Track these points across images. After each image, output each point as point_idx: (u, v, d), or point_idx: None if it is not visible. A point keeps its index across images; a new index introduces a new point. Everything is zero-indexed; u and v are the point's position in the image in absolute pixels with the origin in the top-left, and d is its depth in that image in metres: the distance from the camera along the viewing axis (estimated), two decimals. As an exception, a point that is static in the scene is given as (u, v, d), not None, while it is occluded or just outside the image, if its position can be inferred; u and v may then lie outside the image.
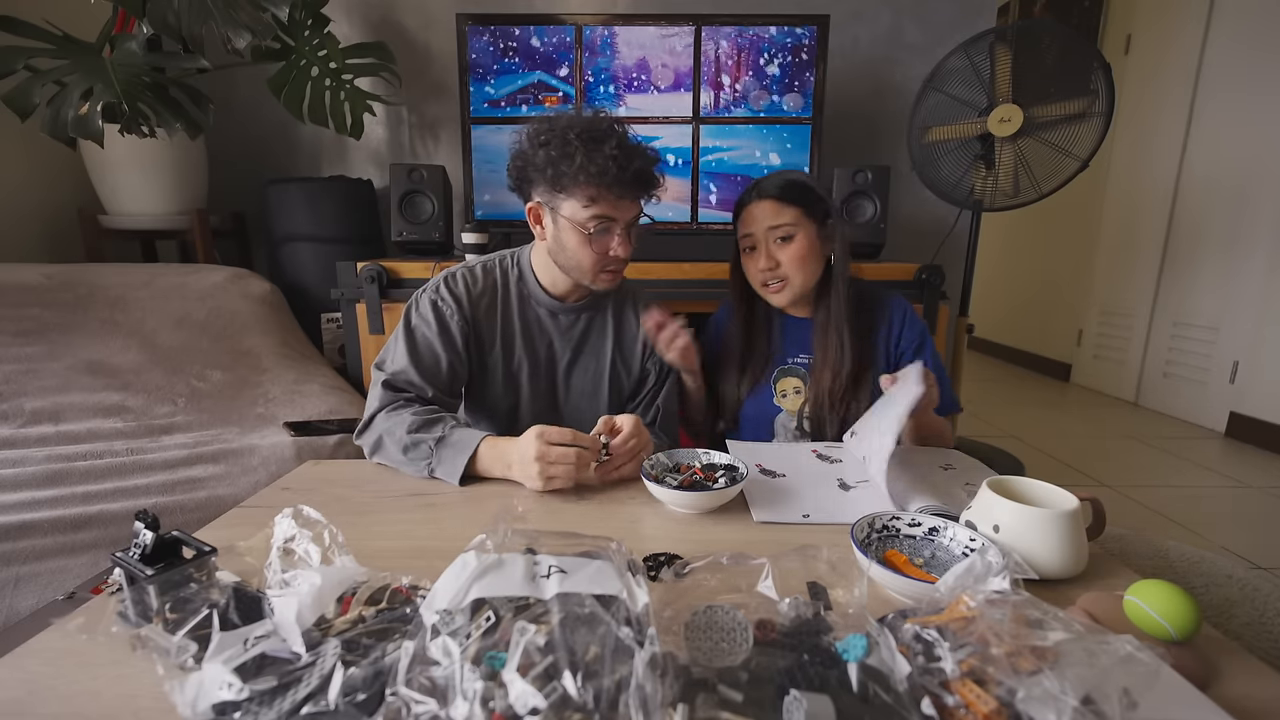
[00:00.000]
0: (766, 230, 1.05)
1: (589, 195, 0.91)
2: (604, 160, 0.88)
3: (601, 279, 0.98)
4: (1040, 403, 3.28)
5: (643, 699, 0.35)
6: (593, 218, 0.92)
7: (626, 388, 1.11)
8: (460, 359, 1.00)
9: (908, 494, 0.77)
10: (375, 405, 0.93)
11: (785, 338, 1.15)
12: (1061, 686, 0.36)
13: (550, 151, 0.90)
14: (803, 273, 1.06)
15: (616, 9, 2.14)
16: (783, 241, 1.05)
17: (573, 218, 0.93)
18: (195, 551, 0.54)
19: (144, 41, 1.66)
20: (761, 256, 1.06)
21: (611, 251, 0.95)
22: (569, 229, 0.94)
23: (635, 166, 0.90)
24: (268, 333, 1.70)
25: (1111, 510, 0.67)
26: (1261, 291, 2.53)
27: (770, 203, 1.05)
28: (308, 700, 0.39)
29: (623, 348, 1.10)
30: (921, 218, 2.22)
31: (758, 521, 0.74)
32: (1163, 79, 2.96)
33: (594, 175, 0.88)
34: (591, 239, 0.93)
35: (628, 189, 0.92)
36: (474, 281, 1.02)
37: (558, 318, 1.06)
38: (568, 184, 0.90)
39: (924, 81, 1.77)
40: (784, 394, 1.14)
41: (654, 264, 1.71)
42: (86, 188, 1.95)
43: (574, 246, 0.95)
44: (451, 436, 0.86)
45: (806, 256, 1.06)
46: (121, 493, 1.17)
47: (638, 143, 0.93)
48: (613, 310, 1.09)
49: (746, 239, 1.08)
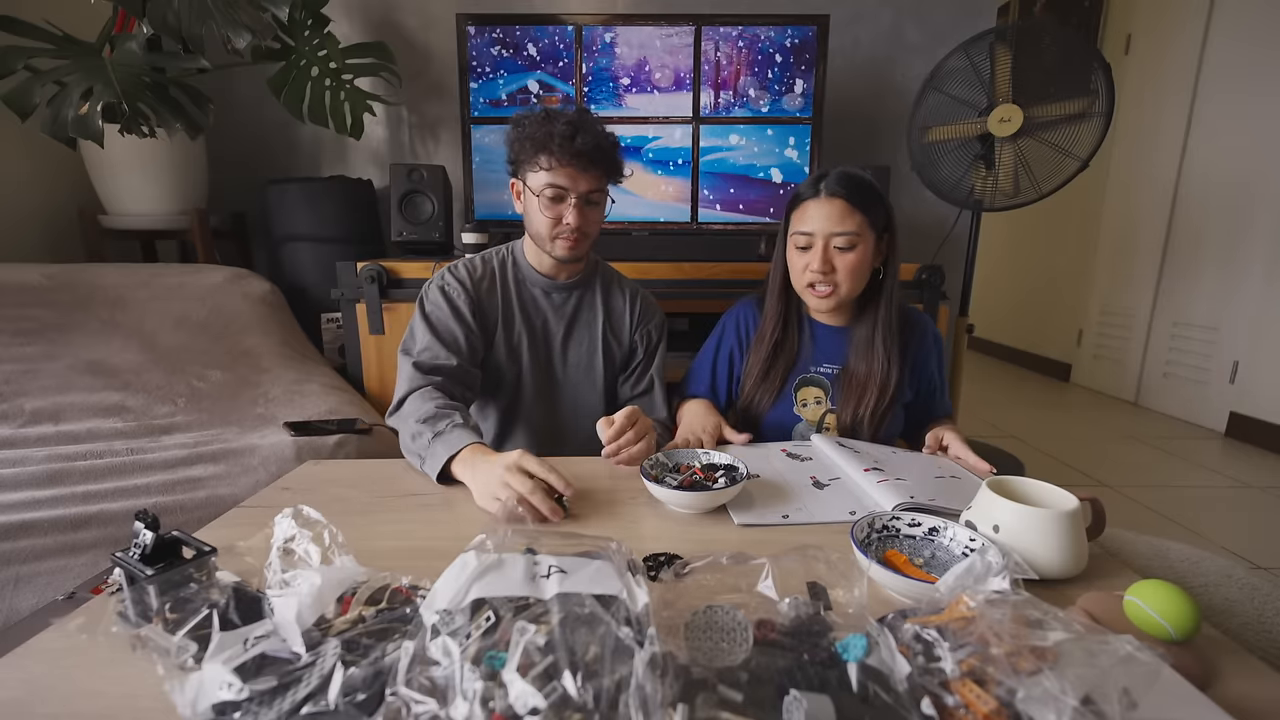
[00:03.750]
0: (830, 234, 1.00)
1: (541, 164, 1.02)
2: (553, 131, 0.99)
3: (558, 246, 1.06)
4: (1040, 403, 3.28)
5: (643, 699, 0.35)
6: (546, 185, 1.02)
7: (618, 359, 1.21)
8: (474, 331, 1.09)
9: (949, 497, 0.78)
10: (406, 388, 0.99)
11: (815, 345, 1.11)
12: (1061, 686, 0.36)
13: (519, 128, 1.03)
14: (852, 283, 1.02)
15: (616, 9, 2.14)
16: (841, 250, 1.00)
17: (533, 186, 1.04)
18: (195, 551, 0.54)
19: (144, 41, 1.66)
20: (817, 258, 1.01)
21: (564, 219, 1.03)
22: (530, 197, 1.05)
23: (581, 138, 0.99)
24: (268, 333, 1.70)
25: (1111, 510, 0.67)
26: (1261, 291, 2.53)
27: (840, 204, 0.99)
28: (308, 700, 0.39)
29: (612, 322, 1.19)
30: (921, 218, 2.22)
31: (739, 525, 0.73)
32: (1163, 79, 2.96)
33: (541, 142, 1.00)
34: (545, 204, 1.03)
35: (576, 159, 1.00)
36: (474, 269, 1.13)
37: (550, 295, 1.16)
38: (528, 154, 1.02)
39: (924, 81, 1.77)
40: (804, 403, 1.10)
41: (654, 264, 1.70)
42: (86, 188, 1.94)
43: (534, 213, 1.05)
44: (446, 434, 0.87)
45: (861, 268, 1.01)
46: (121, 493, 1.17)
47: (595, 124, 1.03)
48: (600, 288, 1.19)
49: (802, 236, 1.02)
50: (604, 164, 1.04)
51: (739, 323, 1.17)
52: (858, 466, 0.86)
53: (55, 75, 1.56)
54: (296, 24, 1.86)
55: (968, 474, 0.89)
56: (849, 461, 0.89)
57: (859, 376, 1.07)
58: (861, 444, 0.99)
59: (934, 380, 1.13)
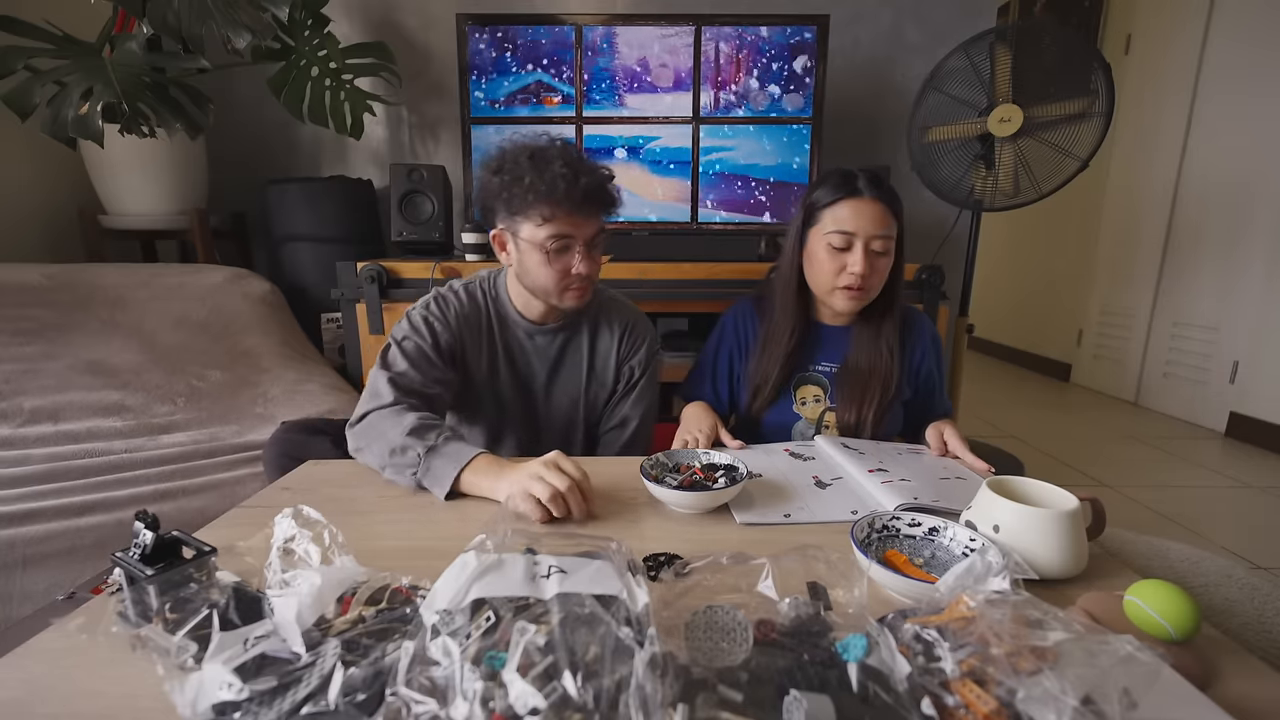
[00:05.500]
0: (871, 236, 0.99)
1: (542, 214, 0.93)
2: (552, 178, 0.90)
3: (567, 297, 0.99)
4: (1040, 403, 3.28)
5: (643, 699, 0.35)
6: (549, 236, 0.93)
7: (601, 401, 1.13)
8: (452, 366, 1.02)
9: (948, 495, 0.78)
10: (377, 402, 0.91)
11: (817, 344, 1.11)
12: (1061, 686, 0.36)
13: (503, 177, 0.93)
14: (880, 285, 1.03)
15: (616, 9, 2.14)
16: (878, 254, 1.00)
17: (531, 239, 0.94)
18: (195, 551, 0.54)
19: (144, 41, 1.66)
20: (859, 259, 0.99)
21: (573, 270, 0.96)
22: (529, 250, 0.96)
23: (584, 182, 0.92)
24: (268, 333, 1.70)
25: (1111, 510, 0.67)
26: (1261, 291, 2.53)
27: (882, 207, 1.00)
28: (308, 700, 0.39)
29: (595, 365, 1.11)
30: (921, 218, 2.22)
31: (741, 524, 0.73)
32: (1163, 79, 2.96)
33: (544, 193, 0.91)
34: (551, 258, 0.95)
35: (579, 205, 0.93)
36: (460, 304, 1.05)
37: (534, 339, 1.08)
38: (521, 205, 0.93)
39: (924, 81, 1.77)
40: (803, 401, 1.10)
41: (654, 264, 1.71)
42: (86, 188, 1.94)
43: (535, 267, 0.96)
44: (444, 447, 0.82)
45: (888, 271, 1.03)
46: (121, 493, 1.18)
47: (588, 161, 0.96)
48: (588, 328, 1.10)
49: (841, 236, 0.99)
50: (608, 205, 0.98)
51: (737, 323, 1.17)
52: (862, 468, 0.86)
53: (55, 75, 1.56)
54: (296, 24, 1.87)
55: (973, 475, 0.89)
56: (853, 462, 0.89)
57: (861, 374, 1.07)
58: (866, 444, 0.99)
59: (933, 379, 1.13)
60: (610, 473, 0.88)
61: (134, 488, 1.19)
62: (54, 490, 1.12)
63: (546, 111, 1.88)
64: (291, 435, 1.10)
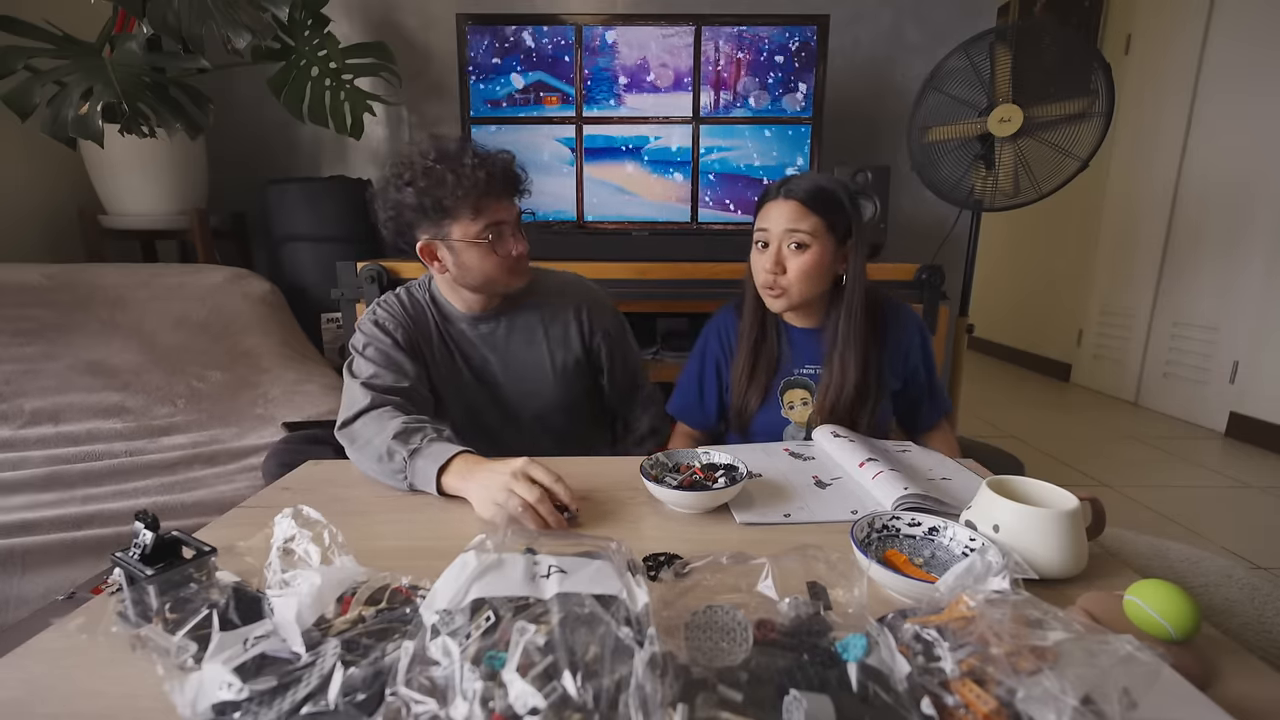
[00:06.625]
0: (784, 232, 1.01)
1: (473, 209, 0.96)
2: (471, 172, 0.93)
3: (514, 279, 1.03)
4: (1040, 403, 3.28)
5: (643, 699, 0.35)
6: (486, 227, 0.97)
7: (572, 366, 1.14)
8: (416, 359, 1.04)
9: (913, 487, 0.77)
10: (359, 406, 0.91)
11: (792, 348, 1.12)
12: (1061, 686, 0.35)
13: (419, 185, 0.94)
14: (803, 286, 1.02)
15: (616, 9, 2.14)
16: (796, 249, 1.01)
17: (466, 236, 0.97)
18: (195, 551, 0.54)
19: (144, 41, 1.66)
20: (770, 257, 1.02)
21: (514, 251, 1.00)
22: (465, 249, 0.98)
23: (499, 168, 0.97)
24: (268, 333, 1.70)
25: (1111, 510, 0.67)
26: (1261, 291, 2.53)
27: (795, 205, 1.01)
28: (308, 700, 0.39)
29: (551, 332, 1.13)
30: (921, 218, 2.22)
31: (740, 523, 0.73)
32: (1163, 79, 2.96)
33: (470, 188, 0.94)
34: (493, 247, 0.98)
35: (502, 190, 0.98)
36: (404, 306, 1.08)
37: (479, 328, 1.10)
38: (449, 207, 0.95)
39: (924, 81, 1.77)
40: (791, 405, 1.11)
41: (654, 264, 1.70)
42: (86, 188, 1.95)
43: (477, 262, 0.99)
44: (426, 449, 0.82)
45: (813, 271, 1.02)
46: (121, 493, 1.18)
47: (488, 149, 1.00)
48: (530, 302, 1.12)
49: (761, 234, 1.04)
50: (519, 181, 1.02)
51: (720, 330, 1.18)
52: (854, 460, 0.86)
53: (55, 75, 1.56)
54: (296, 24, 1.87)
55: (966, 472, 0.89)
56: (846, 453, 0.89)
57: (830, 379, 1.07)
58: (857, 436, 0.99)
59: (919, 369, 1.13)
60: (610, 473, 0.88)
61: (134, 499, 1.18)
62: (52, 501, 1.12)
63: (546, 111, 1.88)
64: (291, 446, 1.11)
